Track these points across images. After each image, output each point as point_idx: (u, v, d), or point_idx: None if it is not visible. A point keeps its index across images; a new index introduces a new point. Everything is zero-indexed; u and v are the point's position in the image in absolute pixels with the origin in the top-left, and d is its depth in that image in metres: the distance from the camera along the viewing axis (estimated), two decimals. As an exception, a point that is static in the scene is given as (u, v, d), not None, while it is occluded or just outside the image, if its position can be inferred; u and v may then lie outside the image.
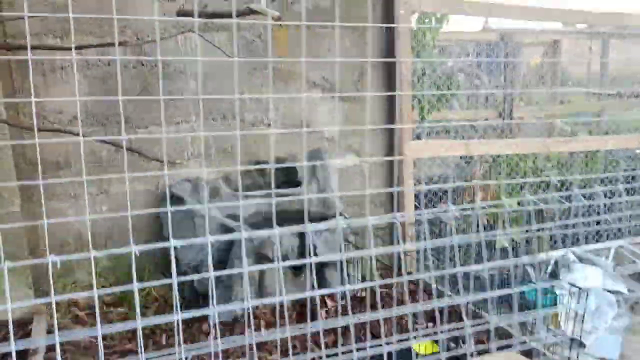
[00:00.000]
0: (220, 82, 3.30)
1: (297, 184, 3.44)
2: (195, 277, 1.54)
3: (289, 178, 3.51)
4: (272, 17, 2.09)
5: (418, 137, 4.41)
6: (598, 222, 2.34)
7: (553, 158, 4.68)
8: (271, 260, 2.83)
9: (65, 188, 3.04)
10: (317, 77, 3.57)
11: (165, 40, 3.11)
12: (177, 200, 3.14)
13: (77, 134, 2.50)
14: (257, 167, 3.44)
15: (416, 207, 3.90)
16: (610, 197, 2.09)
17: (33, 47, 2.73)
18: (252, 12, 2.33)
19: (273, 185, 1.89)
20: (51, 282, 1.24)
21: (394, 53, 3.66)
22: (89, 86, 3.00)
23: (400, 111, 3.74)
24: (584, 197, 2.12)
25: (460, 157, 4.93)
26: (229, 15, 2.73)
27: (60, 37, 2.89)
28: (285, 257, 2.91)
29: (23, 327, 2.58)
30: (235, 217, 3.06)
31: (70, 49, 2.78)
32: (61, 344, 1.26)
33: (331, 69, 3.60)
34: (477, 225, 1.76)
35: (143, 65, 3.09)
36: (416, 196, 3.91)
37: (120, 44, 2.82)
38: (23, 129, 2.77)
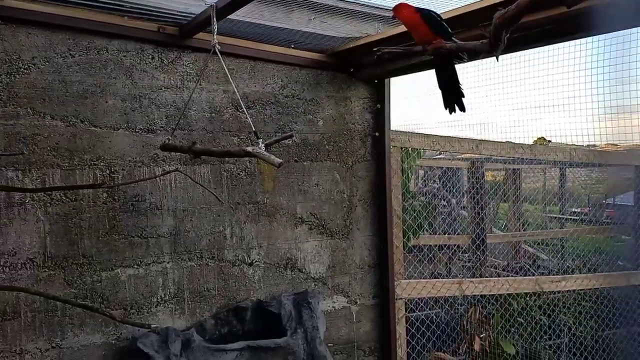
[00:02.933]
0: (199, 219, 2.99)
1: (281, 332, 3.03)
2: None
3: (271, 325, 3.11)
4: (275, 164, 1.84)
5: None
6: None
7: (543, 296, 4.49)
8: None
9: (10, 342, 2.55)
10: (304, 213, 3.31)
11: (142, 172, 2.82)
12: (142, 356, 2.68)
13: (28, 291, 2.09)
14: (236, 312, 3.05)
15: (409, 354, 3.53)
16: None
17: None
18: (248, 154, 2.09)
19: None
20: None
21: (385, 187, 3.48)
22: (50, 224, 2.63)
23: (392, 248, 3.49)
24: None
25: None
26: (220, 155, 2.50)
27: (22, 169, 2.56)
28: None
29: None
30: (211, 379, 2.61)
31: (32, 190, 2.46)
32: None
33: (318, 204, 3.36)
34: None
35: (115, 200, 2.77)
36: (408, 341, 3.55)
37: (91, 186, 2.50)
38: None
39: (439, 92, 2.14)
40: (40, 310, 2.61)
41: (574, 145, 5.15)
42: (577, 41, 3.58)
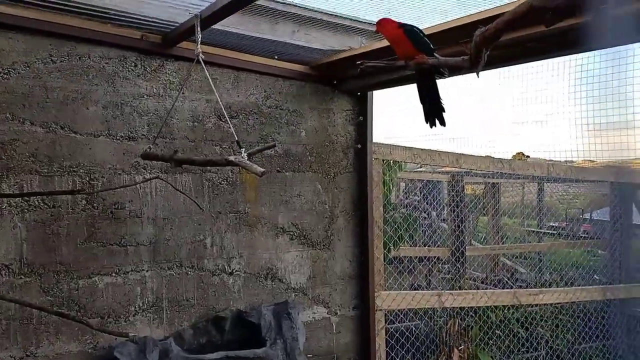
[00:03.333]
0: (179, 227, 2.98)
1: (261, 342, 3.02)
2: None
3: (250, 335, 3.09)
4: (257, 173, 1.85)
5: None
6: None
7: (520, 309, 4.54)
8: None
9: (-20, 352, 2.50)
10: (286, 223, 3.31)
11: (122, 179, 2.80)
12: (119, 366, 2.64)
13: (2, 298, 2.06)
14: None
15: (387, 366, 3.54)
16: None
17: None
18: (230, 163, 2.10)
19: None
20: None
21: (366, 199, 3.50)
22: (27, 231, 2.59)
23: (373, 259, 3.50)
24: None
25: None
26: (202, 164, 2.50)
27: (0, 175, 2.52)
28: None
29: None
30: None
31: (9, 195, 2.43)
32: None
33: (300, 214, 3.36)
34: None
35: (94, 207, 2.74)
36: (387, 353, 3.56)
37: (70, 192, 2.48)
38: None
39: (420, 105, 2.17)
40: (15, 317, 2.57)
41: (552, 160, 5.26)
42: (557, 59, 3.67)
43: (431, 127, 2.15)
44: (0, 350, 2.54)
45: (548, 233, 9.10)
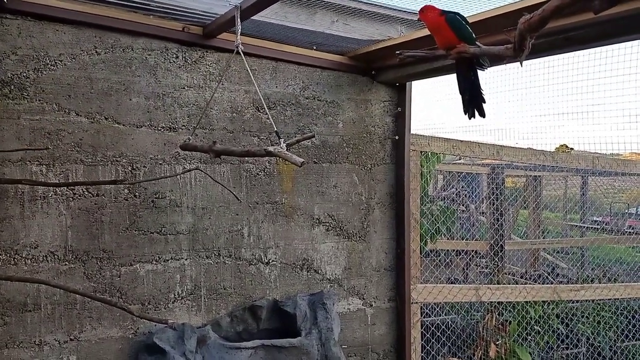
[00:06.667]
0: (217, 217, 3.02)
1: (296, 332, 3.04)
2: None
3: (286, 325, 3.12)
4: (297, 164, 1.85)
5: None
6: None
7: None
8: None
9: (29, 334, 2.60)
10: (322, 214, 3.32)
11: (163, 169, 2.85)
12: (158, 351, 2.71)
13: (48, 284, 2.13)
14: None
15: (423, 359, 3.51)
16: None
17: (13, 182, 2.45)
18: (269, 154, 2.10)
19: None
20: None
21: (403, 191, 3.47)
22: (71, 218, 2.67)
23: (409, 251, 3.47)
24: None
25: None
26: (241, 155, 2.52)
27: (46, 164, 2.61)
28: None
29: None
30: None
31: (55, 184, 2.51)
32: None
33: (336, 206, 3.36)
34: None
35: (136, 196, 2.80)
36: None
37: (112, 182, 2.54)
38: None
39: (460, 96, 2.13)
40: (60, 302, 2.66)
41: (597, 153, 5.08)
42: (602, 47, 3.53)
43: (470, 118, 2.11)
44: (46, 334, 2.64)
45: (591, 228, 8.84)
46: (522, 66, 1.80)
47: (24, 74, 2.57)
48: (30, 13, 2.56)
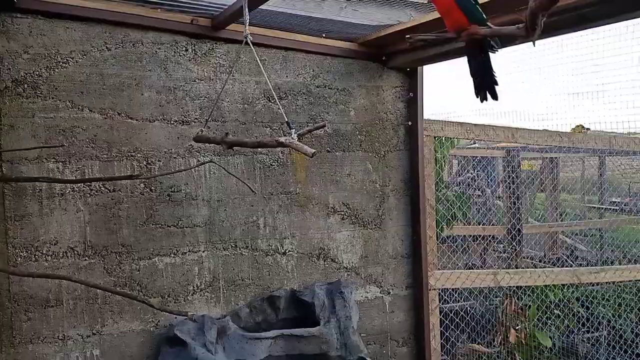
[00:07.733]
0: (233, 209, 3.03)
1: (315, 321, 3.06)
2: None
3: (304, 314, 3.13)
4: (308, 154, 1.85)
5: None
6: None
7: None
8: None
9: (53, 329, 2.65)
10: (337, 203, 3.31)
11: (177, 163, 2.87)
12: (179, 343, 2.74)
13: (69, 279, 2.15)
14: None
15: (442, 346, 3.51)
16: None
17: (30, 180, 2.48)
18: (281, 145, 2.10)
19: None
20: None
21: (417, 177, 3.45)
22: (89, 214, 2.70)
23: (425, 238, 3.46)
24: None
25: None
26: (253, 146, 2.52)
27: (62, 161, 2.63)
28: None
29: None
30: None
31: (72, 181, 2.53)
32: None
33: (351, 194, 3.35)
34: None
35: (152, 190, 2.82)
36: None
37: (128, 177, 2.56)
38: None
39: (471, 79, 2.10)
40: (81, 297, 2.69)
41: (614, 133, 5.01)
42: (616, 25, 3.46)
43: (482, 101, 2.08)
44: (69, 329, 2.68)
45: (610, 209, 8.71)
46: (535, 46, 1.77)
47: (37, 72, 2.59)
48: (40, 11, 2.58)
